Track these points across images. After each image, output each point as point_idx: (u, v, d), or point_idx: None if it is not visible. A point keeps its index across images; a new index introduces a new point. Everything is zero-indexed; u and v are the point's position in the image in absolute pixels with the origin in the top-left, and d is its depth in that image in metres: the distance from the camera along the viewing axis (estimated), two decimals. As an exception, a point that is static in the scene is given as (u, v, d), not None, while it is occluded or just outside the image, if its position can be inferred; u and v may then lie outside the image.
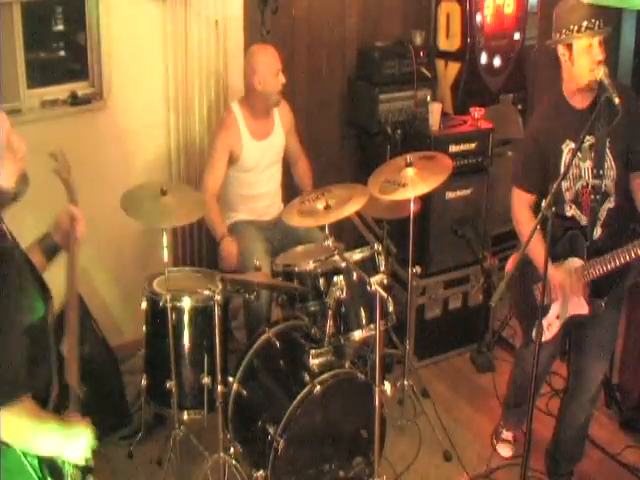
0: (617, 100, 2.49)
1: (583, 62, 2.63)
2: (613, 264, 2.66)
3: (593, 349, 2.95)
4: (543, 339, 2.90)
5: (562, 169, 2.73)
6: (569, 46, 2.65)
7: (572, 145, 2.72)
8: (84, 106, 3.66)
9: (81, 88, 3.71)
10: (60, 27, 3.77)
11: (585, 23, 2.59)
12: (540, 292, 2.93)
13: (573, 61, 2.66)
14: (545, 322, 2.91)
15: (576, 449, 3.15)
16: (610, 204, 2.78)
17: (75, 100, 3.65)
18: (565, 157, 2.75)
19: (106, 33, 3.61)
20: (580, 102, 2.73)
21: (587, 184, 2.76)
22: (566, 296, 2.82)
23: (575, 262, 2.79)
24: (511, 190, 2.96)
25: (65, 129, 3.59)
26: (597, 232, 2.78)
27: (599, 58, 2.60)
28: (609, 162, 2.73)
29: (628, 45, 4.99)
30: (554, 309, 2.89)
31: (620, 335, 3.61)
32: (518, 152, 3.04)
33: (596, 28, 2.58)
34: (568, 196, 2.79)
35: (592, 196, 2.75)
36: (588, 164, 2.74)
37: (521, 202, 2.91)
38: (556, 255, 2.76)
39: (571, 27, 2.61)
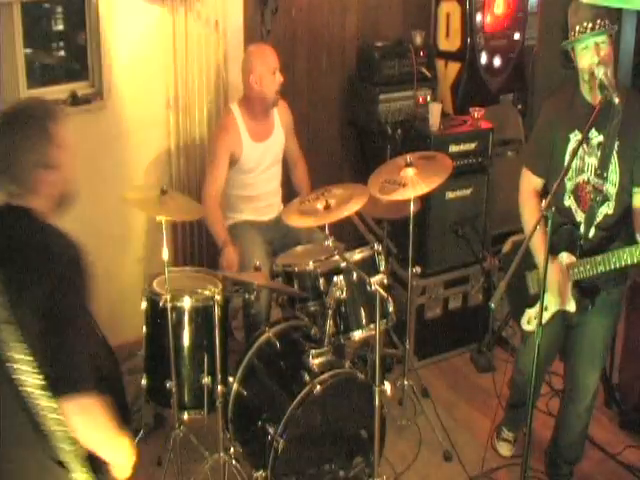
0: (617, 100, 2.50)
1: (582, 62, 2.67)
2: (602, 268, 2.67)
3: (584, 356, 2.96)
4: (530, 329, 2.96)
5: (566, 158, 2.76)
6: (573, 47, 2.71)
7: (580, 136, 2.72)
8: (84, 106, 3.66)
9: (81, 88, 3.71)
10: (60, 27, 3.77)
11: (577, 27, 2.63)
12: (532, 280, 2.96)
13: (575, 60, 2.71)
14: (533, 312, 2.95)
15: (575, 452, 3.15)
16: (608, 210, 2.76)
17: (75, 100, 3.64)
18: (571, 146, 2.77)
19: (106, 33, 3.61)
20: (594, 98, 2.72)
21: (588, 180, 2.76)
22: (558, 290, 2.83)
23: (566, 258, 2.80)
24: (515, 187, 2.98)
25: (65, 129, 3.58)
26: (591, 232, 2.79)
27: (594, 59, 2.62)
28: (614, 166, 2.72)
29: (628, 45, 4.98)
30: (544, 300, 2.91)
31: (620, 335, 3.62)
32: (532, 133, 3.06)
33: (588, 31, 2.61)
34: (568, 186, 2.81)
35: (592, 195, 2.75)
36: (593, 161, 2.74)
37: (528, 185, 2.94)
38: (550, 247, 2.75)
39: (571, 31, 2.66)
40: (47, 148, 1.91)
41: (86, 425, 1.81)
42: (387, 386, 2.71)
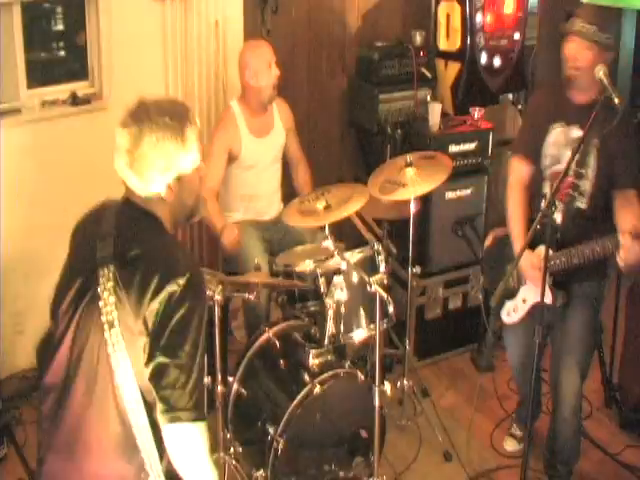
0: (617, 100, 2.50)
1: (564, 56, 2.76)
2: (576, 260, 2.71)
3: (562, 358, 2.95)
4: (510, 321, 3.01)
5: (545, 147, 2.85)
6: None
7: (561, 129, 2.81)
8: (84, 106, 3.66)
9: (81, 88, 3.71)
10: (60, 27, 3.77)
11: (569, 20, 2.73)
12: (512, 275, 2.99)
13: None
14: (512, 304, 2.99)
15: (570, 454, 3.12)
16: (581, 204, 2.80)
17: (75, 100, 3.65)
18: (551, 137, 2.84)
19: (106, 33, 3.61)
20: (575, 95, 2.79)
21: (566, 172, 2.76)
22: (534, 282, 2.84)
23: (543, 251, 2.79)
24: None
25: (65, 129, 3.59)
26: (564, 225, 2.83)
27: (565, 54, 2.72)
28: (592, 162, 2.75)
29: (628, 45, 4.98)
30: (522, 293, 2.94)
31: (620, 335, 3.62)
32: (521, 124, 3.12)
33: (570, 26, 2.69)
34: (547, 174, 2.89)
35: (570, 190, 2.78)
36: (568, 153, 2.75)
37: (513, 173, 2.99)
38: (530, 241, 2.73)
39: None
40: (180, 154, 1.79)
41: (187, 452, 1.76)
42: (387, 386, 2.72)
